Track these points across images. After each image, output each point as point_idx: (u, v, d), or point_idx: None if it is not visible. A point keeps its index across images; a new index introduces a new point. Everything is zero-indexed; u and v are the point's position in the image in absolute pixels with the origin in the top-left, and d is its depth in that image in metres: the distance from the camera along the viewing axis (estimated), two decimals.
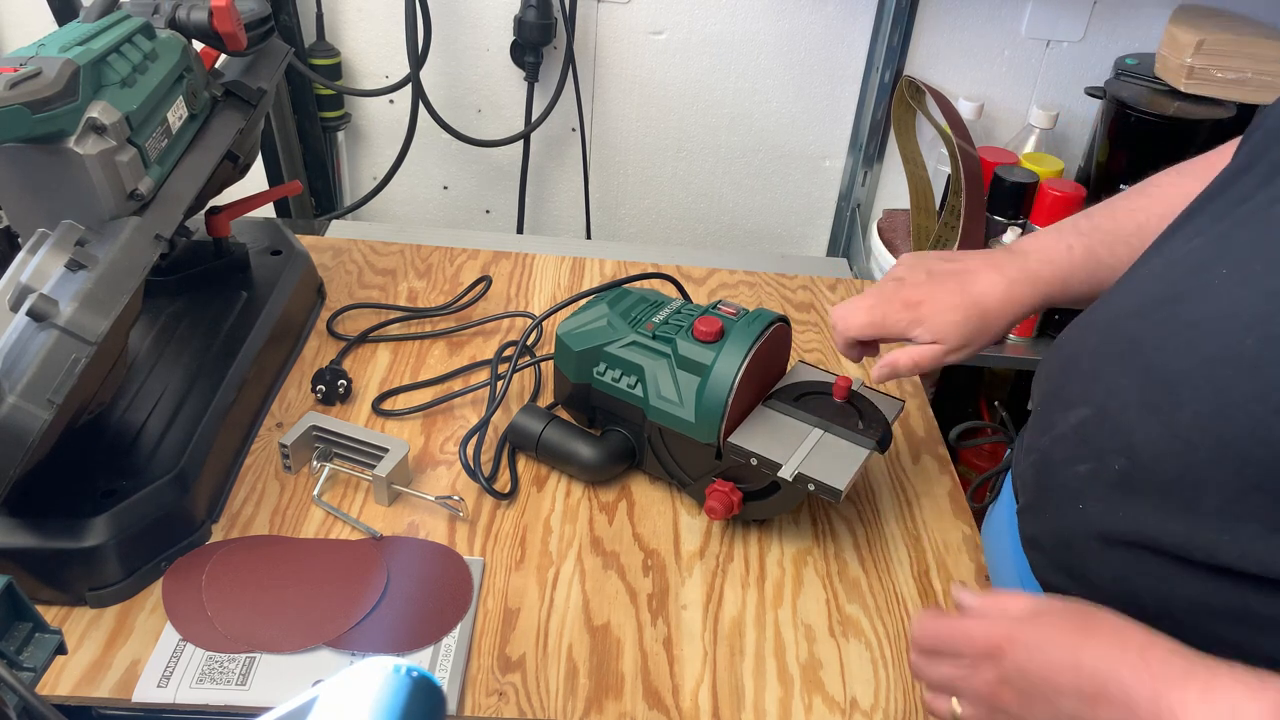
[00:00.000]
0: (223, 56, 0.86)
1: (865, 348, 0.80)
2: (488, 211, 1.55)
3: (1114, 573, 0.58)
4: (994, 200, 1.23)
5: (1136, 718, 0.46)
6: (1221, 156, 0.72)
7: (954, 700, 0.55)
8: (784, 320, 0.82)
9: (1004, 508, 0.77)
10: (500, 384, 0.88)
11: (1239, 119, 1.22)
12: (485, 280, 1.05)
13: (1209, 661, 0.46)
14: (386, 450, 0.80)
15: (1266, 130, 0.61)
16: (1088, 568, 0.60)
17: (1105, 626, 0.50)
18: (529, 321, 1.02)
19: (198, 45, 0.82)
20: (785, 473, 0.73)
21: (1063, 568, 0.63)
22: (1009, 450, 0.80)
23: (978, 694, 0.53)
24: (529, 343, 0.97)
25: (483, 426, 0.85)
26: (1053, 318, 1.28)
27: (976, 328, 0.73)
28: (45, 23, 1.24)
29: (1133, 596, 0.56)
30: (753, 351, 0.76)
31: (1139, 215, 0.73)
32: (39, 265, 0.64)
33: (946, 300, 0.74)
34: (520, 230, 1.51)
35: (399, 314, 1.02)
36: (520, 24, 1.33)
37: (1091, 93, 1.32)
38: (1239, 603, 0.52)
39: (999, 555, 0.77)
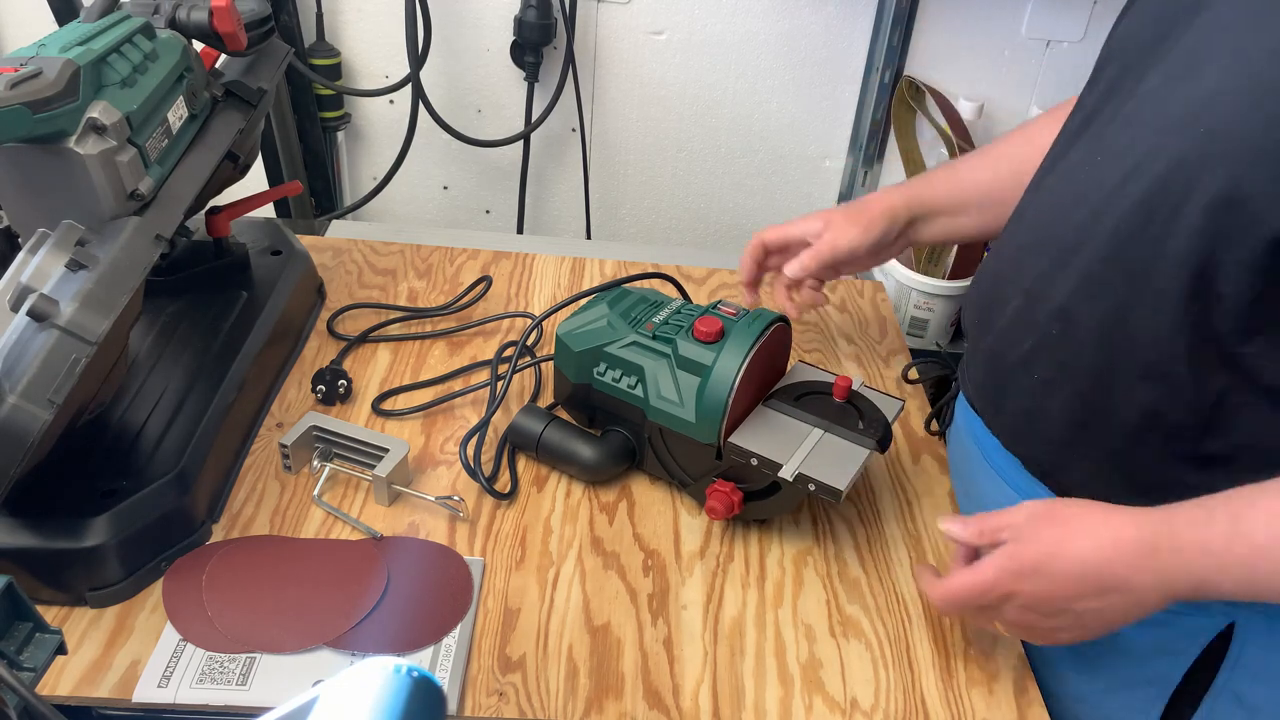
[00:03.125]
0: (223, 56, 0.86)
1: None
2: (488, 211, 1.55)
3: (1067, 419, 0.69)
4: None
5: (1135, 591, 0.59)
6: (1061, 109, 0.83)
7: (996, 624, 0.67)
8: (784, 320, 0.82)
9: (960, 429, 0.85)
10: (500, 384, 0.88)
11: None
12: (485, 280, 1.05)
13: (1160, 524, 0.59)
14: (386, 450, 0.80)
15: (1104, 54, 0.72)
16: (1050, 431, 0.71)
17: (1079, 533, 0.60)
18: (529, 321, 1.02)
19: (198, 45, 0.82)
20: (786, 473, 0.73)
21: (1031, 439, 0.74)
22: (954, 380, 0.90)
23: (1010, 622, 0.65)
24: (529, 343, 0.97)
25: (483, 426, 0.85)
26: None
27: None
28: (45, 23, 1.24)
29: (1084, 434, 0.69)
30: (753, 351, 0.76)
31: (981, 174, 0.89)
32: (39, 265, 0.64)
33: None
34: (520, 230, 1.51)
35: (399, 314, 1.02)
36: (520, 24, 1.33)
37: None
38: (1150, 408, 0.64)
39: (968, 473, 0.84)
